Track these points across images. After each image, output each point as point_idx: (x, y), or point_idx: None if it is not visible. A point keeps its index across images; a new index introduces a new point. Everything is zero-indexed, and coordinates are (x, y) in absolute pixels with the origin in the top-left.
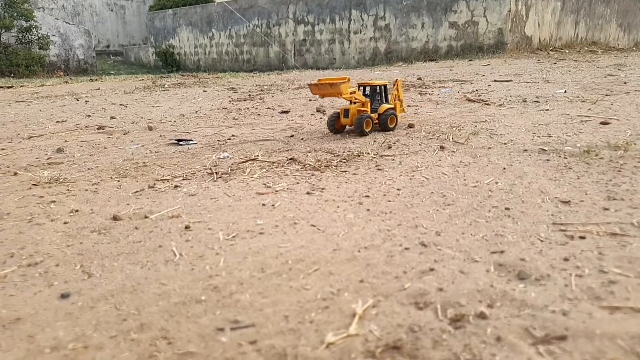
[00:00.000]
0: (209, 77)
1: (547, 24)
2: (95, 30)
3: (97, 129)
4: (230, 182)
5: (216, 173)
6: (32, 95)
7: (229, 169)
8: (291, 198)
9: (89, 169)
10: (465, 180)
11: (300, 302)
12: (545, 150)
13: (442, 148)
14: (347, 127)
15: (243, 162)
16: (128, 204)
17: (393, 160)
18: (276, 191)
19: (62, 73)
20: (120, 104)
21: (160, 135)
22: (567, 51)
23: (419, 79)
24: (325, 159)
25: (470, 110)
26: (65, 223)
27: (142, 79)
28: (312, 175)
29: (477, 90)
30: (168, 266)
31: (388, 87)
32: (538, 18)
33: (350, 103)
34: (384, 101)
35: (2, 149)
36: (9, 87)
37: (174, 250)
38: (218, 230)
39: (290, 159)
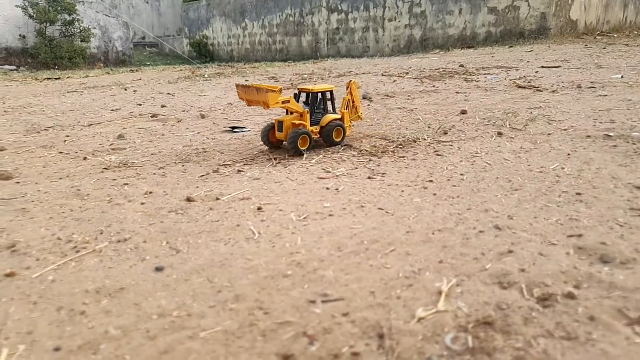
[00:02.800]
0: (246, 67)
1: (594, 6)
2: (131, 22)
3: (151, 116)
4: (290, 167)
5: (274, 159)
6: (80, 85)
7: (286, 154)
8: (353, 182)
9: (152, 154)
10: (529, 165)
11: (384, 279)
12: (610, 136)
13: (499, 134)
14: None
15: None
16: (197, 187)
17: (451, 146)
18: (336, 176)
19: (101, 64)
20: (168, 93)
21: (214, 123)
22: (615, 35)
23: (461, 65)
24: (381, 144)
25: (522, 97)
26: (142, 204)
27: (180, 69)
28: (370, 160)
29: (524, 76)
30: (250, 243)
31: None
32: (584, 1)
33: (287, 113)
34: (329, 110)
35: (67, 136)
36: (57, 79)
37: (252, 229)
38: (289, 211)
39: (345, 145)
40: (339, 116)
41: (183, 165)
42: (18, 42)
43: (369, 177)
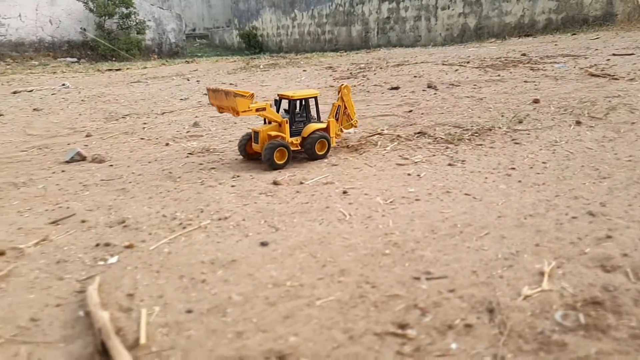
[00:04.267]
0: (298, 57)
1: None
2: (182, 14)
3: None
4: (366, 154)
5: (348, 146)
6: (142, 76)
7: (358, 142)
8: (434, 169)
9: (229, 141)
10: (616, 154)
11: (483, 260)
12: None
13: (578, 123)
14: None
15: (371, 136)
16: (279, 172)
17: (528, 134)
18: (415, 162)
19: (155, 56)
20: (230, 83)
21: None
22: None
23: (523, 54)
24: (455, 132)
25: (597, 85)
26: (232, 186)
27: (234, 61)
28: (447, 148)
29: (596, 64)
30: (343, 224)
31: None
32: None
33: (266, 122)
34: (313, 119)
35: (144, 124)
36: (117, 70)
37: (342, 211)
38: (374, 195)
39: (418, 133)
40: (323, 125)
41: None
42: (79, 35)
43: (449, 164)
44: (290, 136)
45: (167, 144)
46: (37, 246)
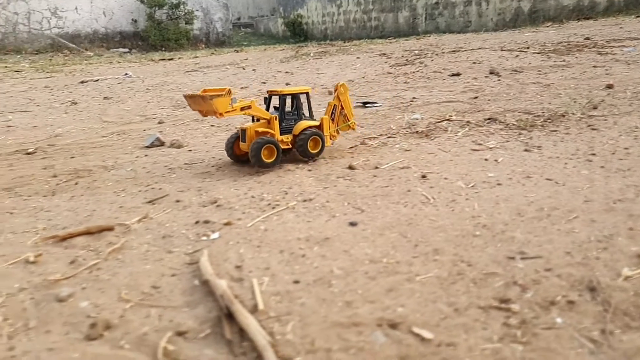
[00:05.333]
0: (347, 44)
1: None
2: (228, 4)
3: None
4: (437, 140)
5: (417, 132)
6: (195, 65)
7: (427, 128)
8: (510, 154)
9: None
10: None
11: (575, 242)
12: None
13: None
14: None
15: (439, 122)
16: (352, 157)
17: (605, 120)
18: (490, 148)
19: (203, 45)
20: (286, 72)
21: None
22: None
23: (587, 38)
24: (527, 118)
25: None
26: (309, 170)
27: (282, 49)
28: (520, 134)
29: None
30: (428, 207)
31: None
32: None
33: (254, 120)
34: (304, 116)
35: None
36: (170, 59)
37: (425, 195)
38: (455, 180)
39: (488, 119)
40: (316, 123)
41: (330, 138)
42: (130, 26)
43: (525, 150)
44: (280, 134)
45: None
46: (140, 223)
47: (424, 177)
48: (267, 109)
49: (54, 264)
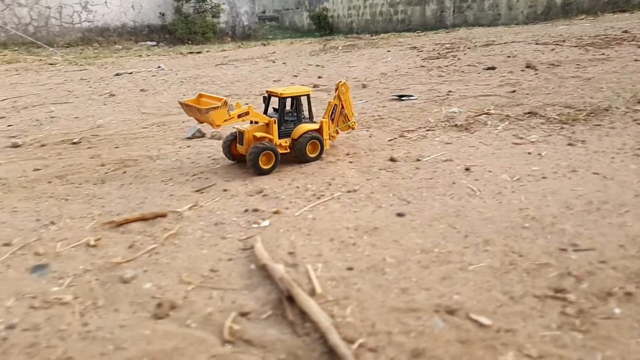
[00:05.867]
0: (374, 38)
1: None
2: None
3: (313, 86)
4: (477, 133)
5: (456, 125)
6: (224, 59)
7: (466, 121)
8: (554, 149)
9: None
10: None
11: (629, 235)
12: None
13: None
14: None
15: (478, 116)
16: (392, 149)
17: None
18: (532, 142)
19: (229, 39)
20: (317, 65)
21: (377, 92)
22: None
23: (625, 31)
24: (568, 112)
25: None
26: (350, 162)
27: (309, 42)
28: (562, 128)
29: None
30: (475, 199)
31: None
32: None
33: (251, 123)
34: (304, 119)
35: (247, 104)
36: (198, 53)
37: (470, 187)
38: (499, 173)
39: (528, 113)
40: (316, 126)
41: (367, 130)
42: (158, 19)
43: (568, 144)
44: (279, 137)
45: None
46: (190, 210)
47: (467, 170)
48: (266, 109)
49: (114, 247)
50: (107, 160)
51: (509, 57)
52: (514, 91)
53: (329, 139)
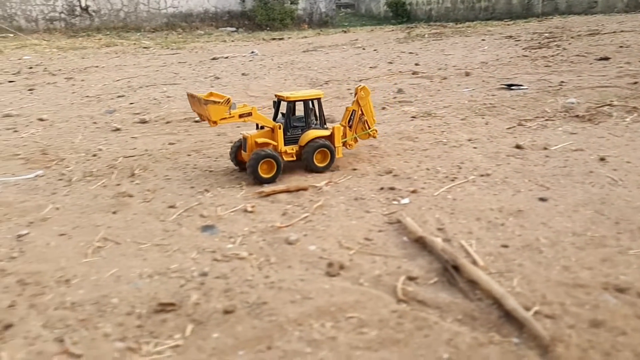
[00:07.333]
0: (460, 26)
1: None
2: None
3: (412, 73)
4: (603, 125)
5: (577, 116)
6: (309, 45)
7: (587, 112)
8: None
9: (444, 107)
10: None
11: None
12: None
13: None
14: None
15: (599, 107)
16: (515, 137)
17: None
18: None
19: (306, 25)
20: (409, 52)
21: (483, 80)
22: None
23: None
24: None
25: None
26: (474, 148)
27: (391, 30)
28: None
29: None
30: (618, 188)
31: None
32: None
33: (257, 127)
34: (314, 124)
35: (348, 90)
36: (280, 39)
37: (611, 177)
38: (639, 164)
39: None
40: (326, 133)
41: (483, 118)
42: (238, 5)
43: None
44: (285, 144)
45: (383, 108)
46: (328, 186)
47: (602, 159)
48: (276, 114)
49: (268, 214)
50: (234, 138)
51: (621, 47)
52: (635, 82)
53: (347, 146)
